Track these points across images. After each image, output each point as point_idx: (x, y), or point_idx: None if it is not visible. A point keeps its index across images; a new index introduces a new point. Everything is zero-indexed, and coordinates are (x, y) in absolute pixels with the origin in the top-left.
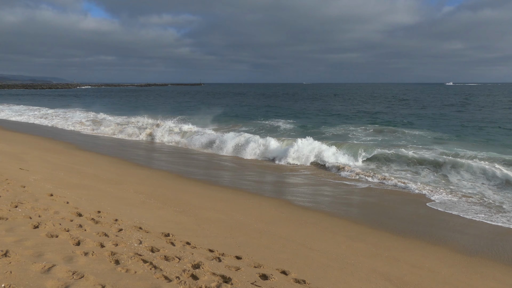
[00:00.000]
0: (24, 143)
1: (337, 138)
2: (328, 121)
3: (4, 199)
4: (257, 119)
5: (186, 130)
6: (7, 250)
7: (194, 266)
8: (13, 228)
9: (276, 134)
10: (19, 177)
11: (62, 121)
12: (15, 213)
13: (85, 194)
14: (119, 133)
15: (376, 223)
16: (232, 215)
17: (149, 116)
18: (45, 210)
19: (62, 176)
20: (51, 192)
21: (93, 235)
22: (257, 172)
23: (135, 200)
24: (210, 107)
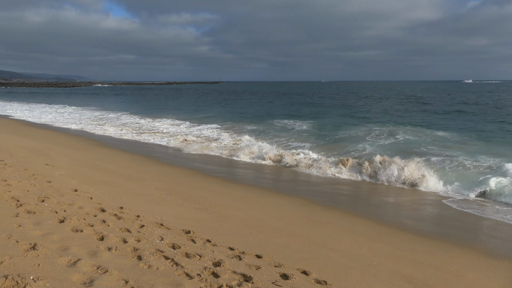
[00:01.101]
0: (49, 140)
1: (354, 139)
2: (347, 121)
3: (32, 194)
4: (271, 119)
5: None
6: (35, 243)
7: (215, 264)
8: (40, 222)
9: (288, 134)
10: (45, 172)
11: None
12: (42, 207)
13: (108, 190)
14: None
15: (398, 223)
16: (251, 213)
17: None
18: (70, 205)
19: (86, 172)
20: (76, 188)
21: (116, 230)
22: (276, 170)
23: (156, 197)
24: (226, 106)
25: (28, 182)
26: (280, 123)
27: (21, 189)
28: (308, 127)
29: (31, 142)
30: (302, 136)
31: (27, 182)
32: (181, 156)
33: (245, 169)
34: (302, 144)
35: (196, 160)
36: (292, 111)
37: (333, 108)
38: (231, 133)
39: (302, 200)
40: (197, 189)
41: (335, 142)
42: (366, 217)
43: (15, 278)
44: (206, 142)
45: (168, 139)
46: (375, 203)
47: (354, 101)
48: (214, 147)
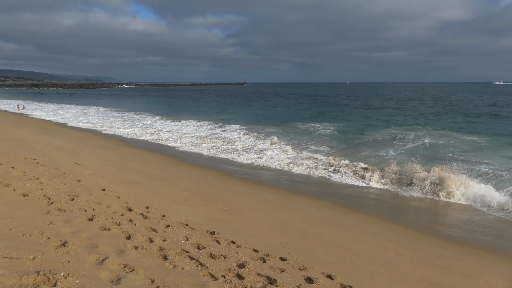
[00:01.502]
0: (78, 139)
1: (378, 143)
2: (372, 124)
3: (62, 192)
4: (294, 121)
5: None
6: (65, 240)
7: (239, 265)
8: (70, 220)
9: (308, 138)
10: (74, 171)
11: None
12: (72, 205)
13: (134, 190)
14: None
15: (426, 228)
16: (275, 215)
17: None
18: (98, 204)
19: (113, 171)
20: (103, 187)
21: (142, 230)
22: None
23: (181, 197)
24: (249, 108)
25: (59, 180)
26: (303, 126)
27: (52, 187)
28: (331, 130)
29: (61, 142)
30: (322, 139)
31: (57, 180)
32: (204, 157)
33: (269, 170)
34: (321, 148)
35: (220, 161)
36: (316, 114)
37: (358, 111)
38: (252, 136)
39: (326, 203)
40: (221, 190)
41: (357, 146)
42: (393, 221)
43: (46, 274)
44: (226, 145)
45: (191, 140)
46: (402, 207)
47: (380, 103)
48: (233, 151)
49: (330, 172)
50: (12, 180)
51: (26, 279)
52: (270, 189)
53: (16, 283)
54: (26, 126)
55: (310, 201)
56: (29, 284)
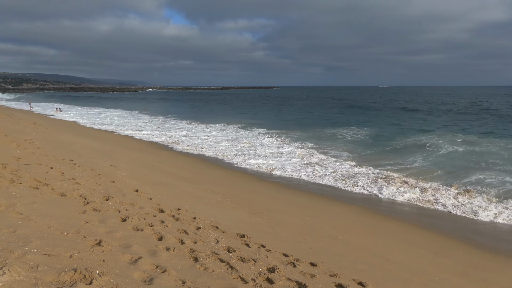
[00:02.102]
0: (112, 141)
1: (408, 150)
2: (405, 129)
3: (97, 193)
4: (323, 126)
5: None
6: (100, 240)
7: (269, 269)
8: (105, 220)
9: (332, 143)
10: (109, 172)
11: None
12: (106, 206)
13: (166, 192)
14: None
15: (465, 237)
16: (305, 219)
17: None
18: (131, 205)
19: (146, 173)
20: (136, 188)
21: (174, 231)
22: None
23: (211, 200)
24: (279, 112)
25: (94, 181)
26: (331, 131)
27: (88, 187)
28: (361, 135)
29: (96, 144)
30: (347, 145)
31: (93, 181)
32: (230, 161)
33: (291, 174)
34: (341, 154)
35: (245, 165)
36: (347, 119)
37: (391, 115)
38: (278, 140)
39: (358, 208)
40: (251, 193)
41: (383, 153)
42: (429, 229)
43: (83, 272)
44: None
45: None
46: (439, 215)
47: (414, 108)
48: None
49: (353, 179)
50: (51, 180)
51: (63, 276)
52: (301, 193)
53: (55, 280)
54: (63, 128)
55: (340, 206)
56: (67, 281)
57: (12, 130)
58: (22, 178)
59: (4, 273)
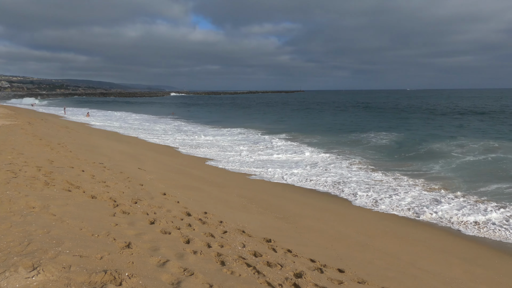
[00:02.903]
0: (141, 145)
1: (433, 156)
2: (435, 134)
3: (126, 195)
4: (349, 131)
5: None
6: (129, 242)
7: (296, 275)
8: (134, 222)
9: (351, 149)
10: (137, 176)
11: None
12: (135, 208)
13: (193, 195)
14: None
15: (501, 245)
16: (332, 225)
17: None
18: (159, 208)
19: (173, 176)
20: (164, 191)
21: (201, 235)
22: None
23: (237, 204)
24: (303, 117)
25: (123, 184)
26: (356, 136)
27: (118, 190)
28: (387, 141)
29: (125, 147)
30: (370, 151)
31: (122, 184)
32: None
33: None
34: (363, 159)
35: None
36: (373, 123)
37: (420, 120)
38: (296, 144)
39: (385, 214)
40: (277, 197)
41: (406, 159)
42: (461, 236)
43: (113, 273)
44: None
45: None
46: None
47: (444, 111)
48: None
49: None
50: (82, 182)
51: (94, 277)
52: (327, 197)
53: (86, 280)
54: (93, 132)
55: (368, 211)
56: (97, 282)
57: (46, 134)
58: (55, 180)
59: (38, 273)
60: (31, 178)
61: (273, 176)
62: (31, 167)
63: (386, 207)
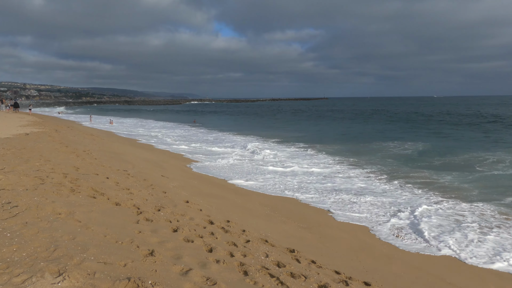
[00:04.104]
0: (163, 153)
1: (453, 168)
2: (463, 143)
3: (150, 203)
4: (370, 140)
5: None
6: (152, 250)
7: (321, 287)
8: (157, 230)
9: (367, 158)
10: (161, 183)
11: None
12: (158, 216)
13: (215, 203)
14: None
15: None
16: (357, 235)
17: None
18: (182, 216)
19: (196, 184)
20: (187, 199)
21: (224, 243)
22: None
23: (260, 212)
24: (325, 125)
25: (147, 191)
26: (376, 146)
27: (141, 197)
28: (410, 151)
29: (149, 155)
30: (384, 161)
31: (146, 191)
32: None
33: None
34: (380, 168)
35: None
36: (397, 131)
37: (447, 129)
38: (315, 153)
39: None
40: (300, 206)
41: (426, 168)
42: None
43: (136, 281)
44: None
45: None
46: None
47: (472, 121)
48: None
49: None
50: (107, 189)
51: (118, 285)
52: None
53: (110, 287)
54: (117, 139)
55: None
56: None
57: (72, 142)
58: (80, 187)
59: (64, 279)
60: (57, 185)
61: (294, 186)
62: (57, 174)
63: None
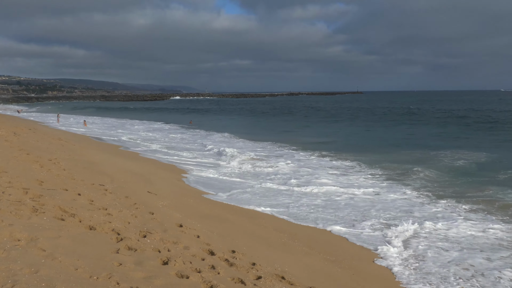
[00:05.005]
0: (151, 162)
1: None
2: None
3: (133, 227)
4: (416, 148)
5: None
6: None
7: None
8: (142, 262)
9: (411, 170)
10: (147, 201)
11: None
12: (144, 243)
13: (217, 227)
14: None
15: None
16: None
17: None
18: (174, 244)
19: (192, 203)
20: (180, 223)
21: (228, 280)
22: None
23: (275, 240)
24: (358, 127)
25: (129, 212)
26: (421, 155)
27: (122, 220)
28: (466, 162)
29: (132, 164)
30: (434, 175)
31: (128, 212)
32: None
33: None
34: (424, 185)
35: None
36: (452, 137)
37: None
38: (342, 166)
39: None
40: (326, 234)
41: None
42: None
43: None
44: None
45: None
46: None
47: None
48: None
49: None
50: (79, 209)
51: None
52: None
53: None
54: (93, 145)
55: None
56: None
57: (35, 148)
58: (45, 206)
59: None
60: (16, 203)
61: (317, 207)
62: (16, 189)
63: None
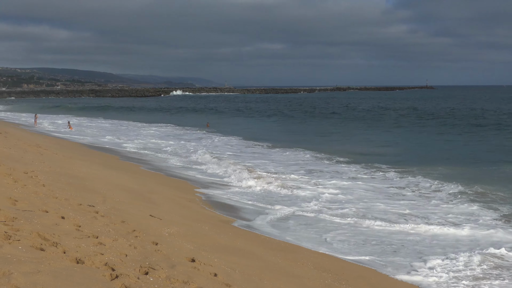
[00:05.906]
0: (152, 177)
1: None
2: None
3: (131, 261)
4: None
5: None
6: None
7: None
8: None
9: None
10: (149, 228)
11: None
12: (146, 283)
13: (239, 264)
14: None
15: None
16: None
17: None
18: (184, 284)
19: (207, 231)
20: (192, 257)
21: None
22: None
23: (316, 283)
24: (428, 133)
25: (127, 241)
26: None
27: (117, 251)
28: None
29: (129, 180)
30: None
31: (125, 241)
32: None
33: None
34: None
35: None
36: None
37: None
38: (408, 181)
39: None
40: (382, 277)
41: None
42: None
43: None
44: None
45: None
46: None
47: None
48: None
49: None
50: (62, 237)
51: None
52: None
53: None
54: (80, 153)
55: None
56: None
57: (7, 157)
58: (20, 232)
59: None
60: None
61: (373, 239)
62: None
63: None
